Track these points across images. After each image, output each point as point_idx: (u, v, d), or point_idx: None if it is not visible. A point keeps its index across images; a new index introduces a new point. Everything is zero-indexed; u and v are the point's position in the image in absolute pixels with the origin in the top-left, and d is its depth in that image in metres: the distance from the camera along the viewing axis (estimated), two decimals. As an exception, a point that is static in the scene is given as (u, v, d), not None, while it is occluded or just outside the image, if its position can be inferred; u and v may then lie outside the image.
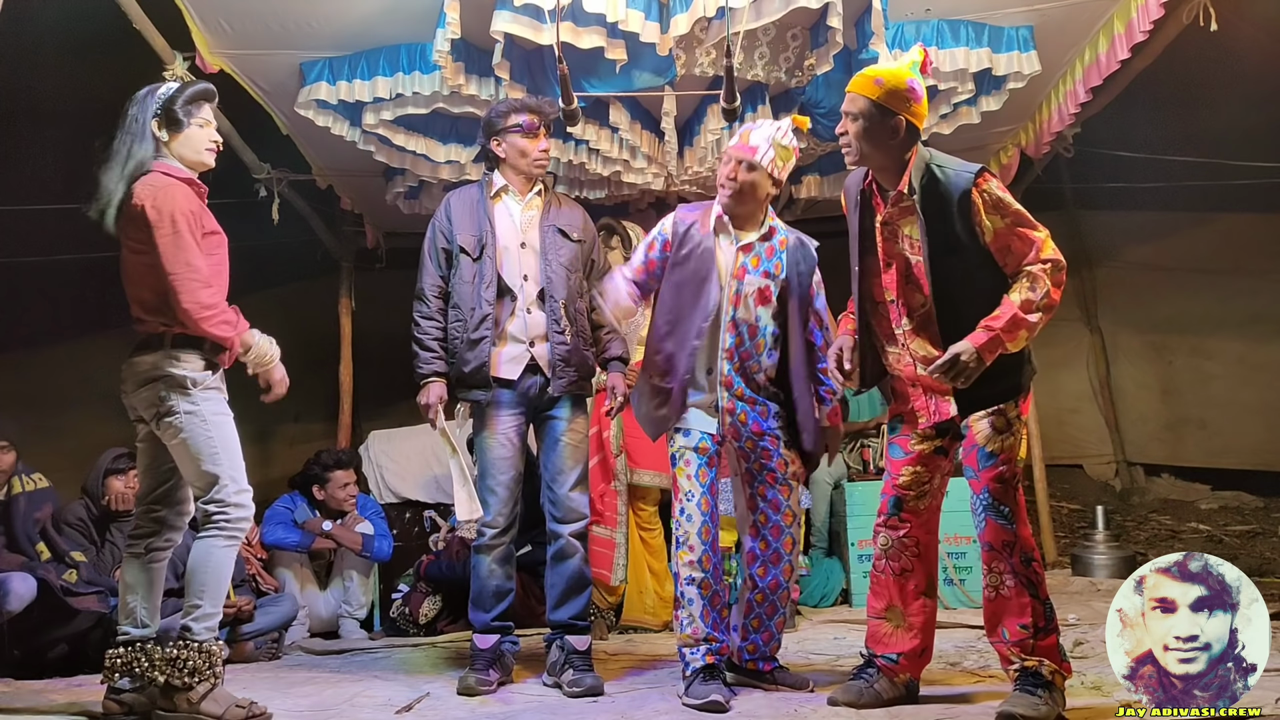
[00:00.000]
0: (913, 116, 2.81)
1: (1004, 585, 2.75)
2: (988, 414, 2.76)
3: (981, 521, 2.77)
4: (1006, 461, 2.76)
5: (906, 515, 2.92)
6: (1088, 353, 7.49)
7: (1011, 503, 2.76)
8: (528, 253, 3.50)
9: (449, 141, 4.82)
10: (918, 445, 2.91)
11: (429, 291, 3.49)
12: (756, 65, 4.32)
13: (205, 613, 2.86)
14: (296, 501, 5.00)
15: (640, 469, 4.64)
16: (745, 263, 3.23)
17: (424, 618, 4.77)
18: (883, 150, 2.82)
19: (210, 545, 2.87)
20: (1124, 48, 4.20)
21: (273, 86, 4.52)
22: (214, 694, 2.84)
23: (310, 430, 7.56)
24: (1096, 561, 5.53)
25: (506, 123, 3.51)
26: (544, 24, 3.82)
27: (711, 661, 3.10)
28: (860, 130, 2.82)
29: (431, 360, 3.45)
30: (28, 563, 3.89)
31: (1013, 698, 2.67)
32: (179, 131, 2.96)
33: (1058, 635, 2.76)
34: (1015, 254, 2.72)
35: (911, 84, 2.82)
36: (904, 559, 2.93)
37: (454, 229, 3.49)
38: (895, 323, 2.87)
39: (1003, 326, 2.63)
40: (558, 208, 3.59)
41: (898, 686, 2.91)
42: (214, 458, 2.87)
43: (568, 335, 3.44)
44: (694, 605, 3.13)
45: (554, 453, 3.49)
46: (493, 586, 3.43)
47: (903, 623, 2.93)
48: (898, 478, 2.93)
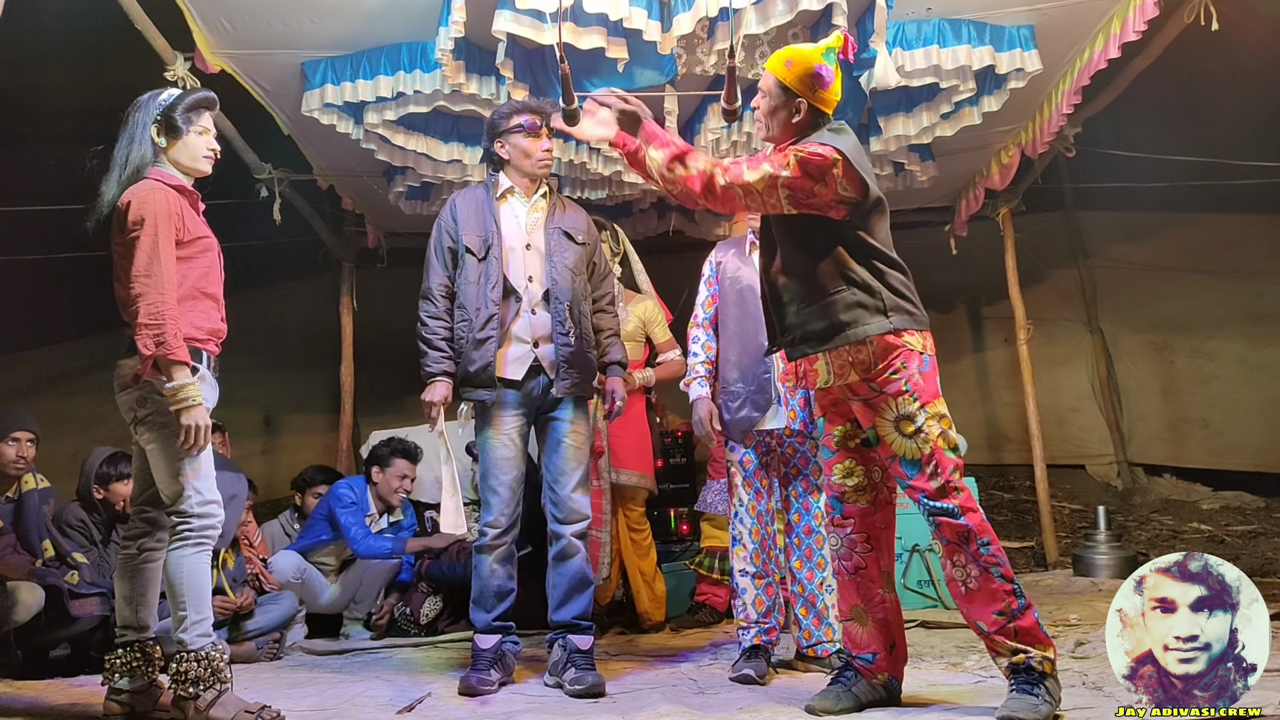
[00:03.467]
0: (817, 102, 2.84)
1: (970, 577, 2.72)
2: (890, 422, 2.75)
3: (931, 524, 2.76)
4: (931, 461, 2.72)
5: (849, 511, 2.91)
6: (1089, 353, 7.49)
7: (953, 497, 2.73)
8: (533, 254, 3.51)
9: (450, 141, 4.83)
10: (841, 442, 2.92)
11: (435, 291, 3.51)
12: (758, 65, 4.32)
13: (193, 620, 2.85)
14: (358, 490, 4.97)
15: (624, 469, 4.61)
16: None
17: (424, 618, 4.78)
18: (786, 130, 2.87)
19: (180, 556, 2.87)
20: (1114, 46, 4.20)
21: (274, 86, 4.53)
22: (222, 700, 2.83)
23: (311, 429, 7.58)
24: (1098, 562, 5.53)
25: (509, 124, 3.52)
26: (545, 24, 3.82)
27: (759, 643, 3.49)
28: (766, 108, 2.90)
29: (440, 359, 3.46)
30: (35, 568, 3.89)
31: (1010, 700, 2.64)
32: (178, 138, 2.97)
33: (1033, 610, 2.72)
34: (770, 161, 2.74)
35: (819, 69, 2.82)
36: (855, 557, 2.91)
37: (459, 229, 3.50)
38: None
39: (635, 144, 2.87)
40: (563, 210, 3.60)
41: (876, 688, 2.88)
42: (180, 469, 2.87)
43: (572, 337, 3.45)
44: (746, 594, 3.54)
45: (556, 454, 3.50)
46: (494, 586, 3.43)
47: (867, 621, 2.91)
48: (831, 477, 2.94)
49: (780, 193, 2.72)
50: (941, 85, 4.42)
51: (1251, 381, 7.14)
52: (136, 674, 2.99)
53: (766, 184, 2.71)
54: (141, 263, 2.80)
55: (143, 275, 2.79)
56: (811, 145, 2.73)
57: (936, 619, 4.42)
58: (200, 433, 2.82)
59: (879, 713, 2.84)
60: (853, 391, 2.81)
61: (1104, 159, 5.83)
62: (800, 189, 2.71)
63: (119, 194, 2.88)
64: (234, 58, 4.29)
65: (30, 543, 3.98)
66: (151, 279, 2.79)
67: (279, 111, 4.74)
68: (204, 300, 2.95)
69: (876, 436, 2.80)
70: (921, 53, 4.20)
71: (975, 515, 2.74)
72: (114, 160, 2.93)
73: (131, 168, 2.91)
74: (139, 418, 2.89)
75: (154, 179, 2.91)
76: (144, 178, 2.90)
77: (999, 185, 5.75)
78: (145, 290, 2.78)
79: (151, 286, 2.78)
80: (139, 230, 2.81)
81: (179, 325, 2.80)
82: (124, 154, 2.93)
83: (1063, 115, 4.83)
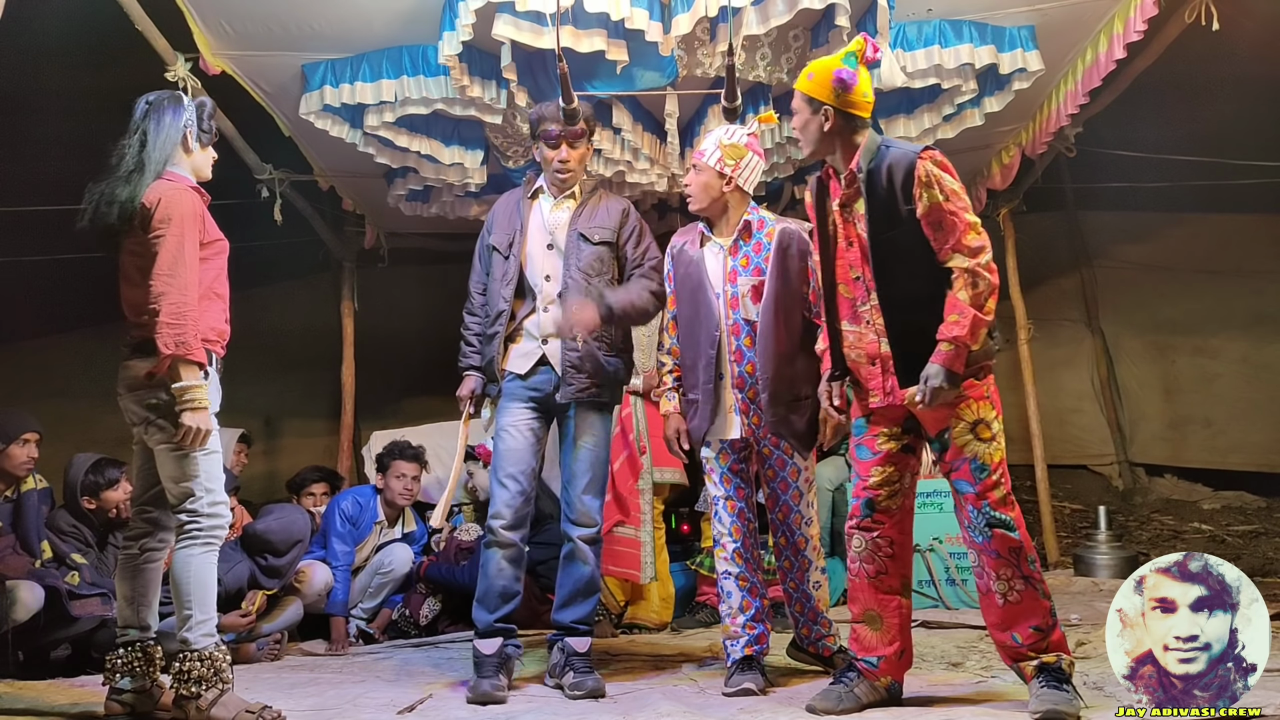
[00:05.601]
0: (844, 105, 2.86)
1: (1013, 591, 2.75)
2: (969, 424, 2.76)
3: (987, 533, 2.75)
4: (999, 469, 2.76)
5: (880, 516, 2.91)
6: (1089, 353, 7.48)
7: (1013, 509, 2.76)
8: (554, 253, 3.51)
9: (451, 144, 4.82)
10: (885, 445, 2.90)
11: (473, 289, 3.65)
12: (758, 66, 4.32)
13: (198, 620, 2.86)
14: (363, 499, 4.91)
15: (662, 466, 4.65)
16: (735, 265, 3.38)
17: (424, 619, 4.77)
18: (823, 140, 2.90)
19: (188, 555, 2.88)
20: (1119, 47, 4.20)
21: (275, 88, 4.53)
22: (223, 700, 2.84)
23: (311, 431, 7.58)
24: (1099, 562, 5.53)
25: (538, 128, 3.55)
26: (545, 28, 3.82)
27: (750, 653, 3.30)
28: (799, 124, 2.94)
29: (469, 354, 3.60)
30: (35, 568, 3.89)
31: (1044, 694, 2.65)
32: (201, 147, 3.04)
33: (1059, 625, 2.79)
34: (944, 231, 2.75)
35: (839, 74, 2.84)
36: (878, 561, 2.92)
37: (493, 227, 3.57)
38: (861, 299, 2.89)
39: (966, 334, 2.68)
40: (591, 210, 3.54)
41: (878, 690, 2.90)
42: (192, 468, 2.88)
43: (579, 342, 3.42)
44: (732, 598, 3.37)
45: (568, 455, 3.49)
46: (499, 587, 3.37)
47: (880, 626, 2.92)
48: (867, 479, 2.92)
49: (976, 228, 2.77)
50: (943, 86, 4.42)
51: (1254, 381, 7.13)
52: (138, 674, 2.99)
53: (977, 233, 2.75)
54: (166, 261, 2.81)
55: (166, 274, 2.80)
56: (961, 204, 2.77)
57: (937, 619, 4.42)
58: (200, 436, 2.83)
59: (881, 713, 2.84)
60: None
61: (1105, 159, 5.82)
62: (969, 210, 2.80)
63: (142, 193, 2.87)
64: (235, 59, 4.29)
65: (29, 543, 3.99)
66: (175, 278, 2.80)
67: (279, 113, 4.74)
68: (216, 301, 2.98)
69: (947, 440, 2.79)
70: (923, 53, 4.20)
71: (1024, 532, 2.77)
72: (133, 160, 2.91)
73: (157, 169, 2.92)
74: (151, 419, 2.88)
75: (173, 180, 2.93)
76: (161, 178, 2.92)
77: (1000, 185, 5.74)
78: (169, 289, 2.79)
79: (175, 286, 2.80)
80: (165, 229, 2.82)
81: (199, 327, 2.83)
82: (150, 155, 2.92)
83: (1067, 115, 4.83)
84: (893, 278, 2.81)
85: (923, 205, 2.74)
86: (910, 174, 2.75)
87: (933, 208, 2.74)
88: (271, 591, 4.28)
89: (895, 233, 2.79)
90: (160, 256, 2.81)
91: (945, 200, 2.73)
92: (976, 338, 2.70)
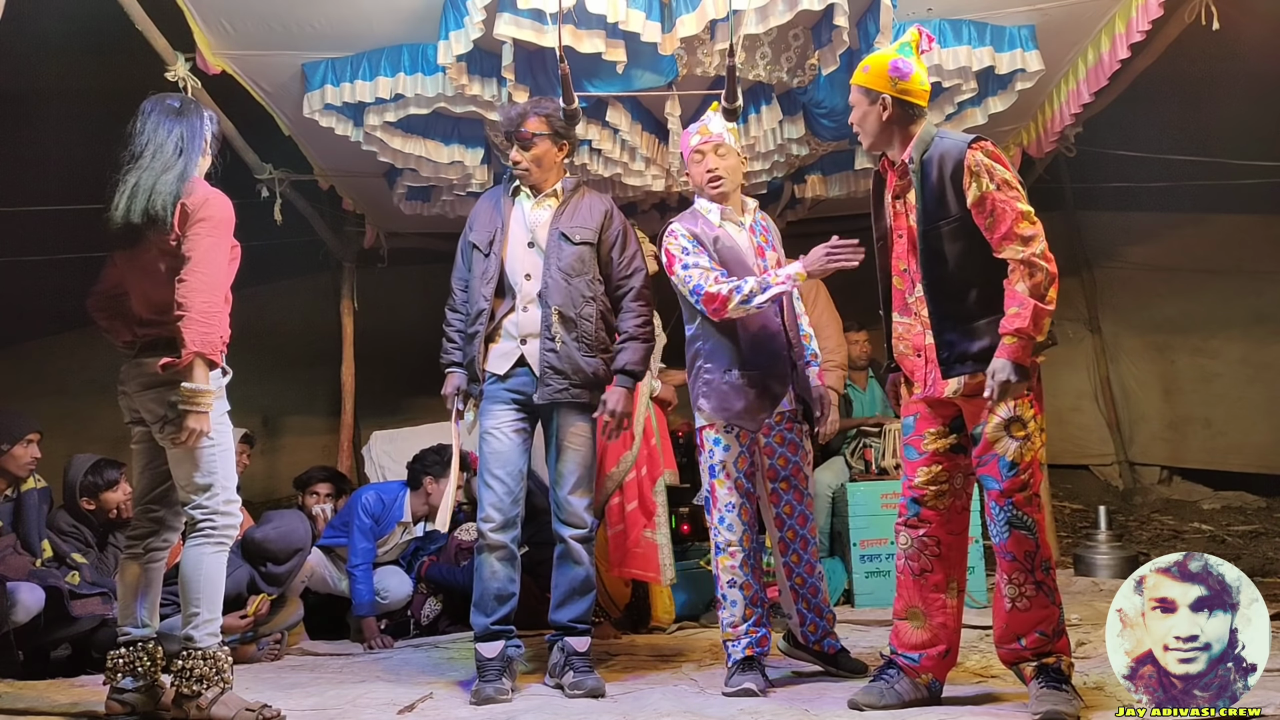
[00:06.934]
0: (901, 94, 2.86)
1: (1023, 596, 2.74)
2: (1003, 420, 2.74)
3: (1005, 532, 2.74)
4: (1029, 469, 2.74)
5: (926, 514, 2.89)
6: (1089, 353, 7.48)
7: (1036, 512, 2.75)
8: (534, 252, 3.47)
9: (451, 143, 4.83)
10: (932, 444, 2.89)
11: (455, 286, 3.62)
12: (759, 65, 4.33)
13: (204, 619, 2.87)
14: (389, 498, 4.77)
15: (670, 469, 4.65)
16: (759, 242, 3.47)
17: (425, 619, 4.77)
18: (882, 131, 2.90)
19: (200, 553, 2.88)
20: (1123, 47, 4.20)
21: (274, 88, 4.53)
22: (223, 699, 2.85)
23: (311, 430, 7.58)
24: (1099, 561, 5.53)
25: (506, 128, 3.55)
26: (546, 26, 3.82)
27: (751, 654, 3.29)
28: (858, 117, 2.94)
29: (451, 351, 3.57)
30: (36, 568, 3.89)
31: (1043, 695, 2.65)
32: (208, 159, 3.07)
33: (1066, 633, 2.79)
34: (995, 220, 2.71)
35: (895, 64, 2.86)
36: (923, 559, 2.90)
37: (474, 226, 3.55)
38: (909, 291, 2.90)
39: (1029, 325, 2.66)
40: (574, 209, 3.50)
41: (920, 687, 2.88)
42: (210, 465, 2.89)
43: (557, 343, 3.37)
44: (736, 606, 3.34)
45: (552, 456, 3.48)
46: (494, 589, 3.36)
47: (924, 623, 2.90)
48: (913, 479, 2.91)
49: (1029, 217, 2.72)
50: (944, 85, 4.43)
51: (1254, 381, 7.13)
52: (139, 673, 2.99)
53: (1030, 222, 2.71)
54: (200, 259, 2.83)
55: (200, 271, 2.82)
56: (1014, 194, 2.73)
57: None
58: (198, 439, 2.84)
59: (881, 714, 2.84)
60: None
61: (1105, 159, 5.82)
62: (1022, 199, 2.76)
63: (183, 189, 2.87)
64: (235, 59, 4.29)
65: (30, 543, 3.99)
66: (210, 278, 2.83)
67: (279, 112, 4.74)
68: (227, 307, 2.99)
69: (979, 435, 2.78)
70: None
71: (1044, 535, 2.77)
72: (173, 155, 2.91)
73: (193, 169, 2.94)
74: (171, 416, 2.86)
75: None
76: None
77: (1000, 185, 5.73)
78: (200, 287, 2.81)
79: (207, 285, 2.82)
80: (204, 228, 2.85)
81: (223, 330, 2.86)
82: (189, 154, 2.94)
83: (1070, 115, 4.82)
84: (940, 269, 2.80)
85: (972, 194, 2.73)
86: (960, 164, 2.74)
87: (983, 197, 2.72)
88: (273, 597, 4.28)
89: (944, 224, 2.78)
90: (197, 255, 2.83)
91: (996, 189, 2.71)
92: (1040, 328, 2.68)
